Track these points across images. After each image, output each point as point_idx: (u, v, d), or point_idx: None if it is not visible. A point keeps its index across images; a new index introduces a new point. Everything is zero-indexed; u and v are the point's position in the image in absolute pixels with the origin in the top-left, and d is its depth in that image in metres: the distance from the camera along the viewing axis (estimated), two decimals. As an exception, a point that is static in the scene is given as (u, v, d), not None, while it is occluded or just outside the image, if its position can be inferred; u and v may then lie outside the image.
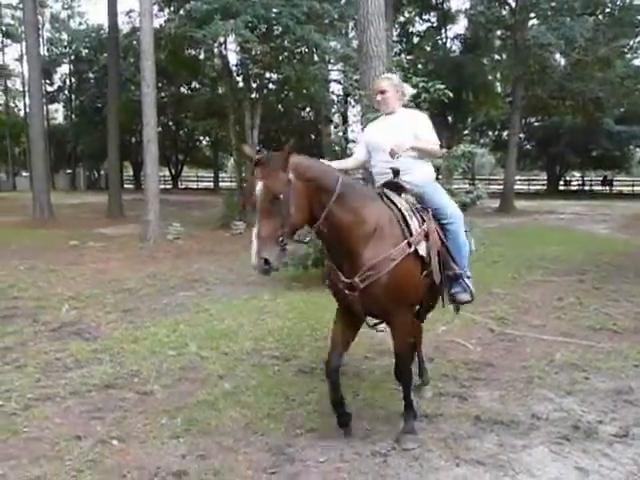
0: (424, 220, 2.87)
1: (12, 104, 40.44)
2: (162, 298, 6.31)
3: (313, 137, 30.27)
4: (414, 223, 2.81)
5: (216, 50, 18.08)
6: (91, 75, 33.68)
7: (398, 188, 2.93)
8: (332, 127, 25.24)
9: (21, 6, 28.69)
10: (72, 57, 34.57)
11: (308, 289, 6.59)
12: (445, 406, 3.32)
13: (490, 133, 33.81)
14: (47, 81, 33.05)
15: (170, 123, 31.80)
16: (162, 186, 20.36)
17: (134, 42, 26.65)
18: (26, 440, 2.91)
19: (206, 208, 18.86)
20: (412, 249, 2.73)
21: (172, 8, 18.85)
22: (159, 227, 11.47)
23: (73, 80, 35.78)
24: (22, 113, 39.87)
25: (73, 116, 36.44)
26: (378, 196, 2.86)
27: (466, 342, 4.55)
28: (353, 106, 22.71)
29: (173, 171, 38.85)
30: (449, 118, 25.04)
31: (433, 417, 3.16)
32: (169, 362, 4.12)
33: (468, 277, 3.09)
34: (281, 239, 2.51)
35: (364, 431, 3.00)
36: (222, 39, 14.64)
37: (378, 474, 2.59)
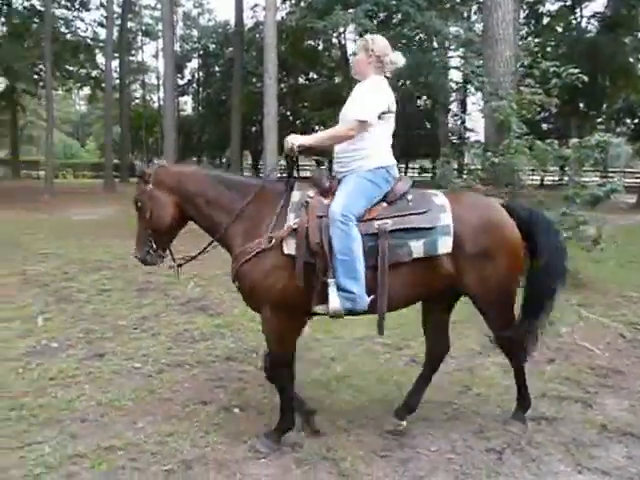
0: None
1: (147, 97, 44.34)
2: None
3: (429, 126, 29.62)
4: (290, 218, 2.57)
5: (335, 40, 18.35)
6: (217, 69, 35.81)
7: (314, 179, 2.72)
8: (449, 116, 24.51)
9: (159, 6, 31.31)
10: (201, 52, 36.96)
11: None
12: (567, 410, 3.14)
13: (628, 121, 30.69)
14: (179, 75, 35.68)
15: (288, 113, 32.84)
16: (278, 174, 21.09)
17: (257, 36, 27.93)
18: (160, 400, 3.24)
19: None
20: (270, 244, 2.53)
21: (294, 0, 19.41)
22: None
23: (201, 74, 38.28)
24: (156, 105, 43.54)
25: (200, 108, 39.04)
26: (257, 190, 2.72)
27: (593, 346, 4.24)
28: (473, 94, 21.86)
29: (289, 160, 40.06)
30: (580, 105, 23.12)
31: (552, 420, 3.01)
32: (285, 342, 4.34)
33: (342, 289, 2.50)
34: (149, 240, 2.81)
35: (478, 426, 2.95)
36: (341, 29, 14.80)
37: (492, 470, 2.53)
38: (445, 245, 2.56)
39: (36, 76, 26.02)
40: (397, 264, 2.54)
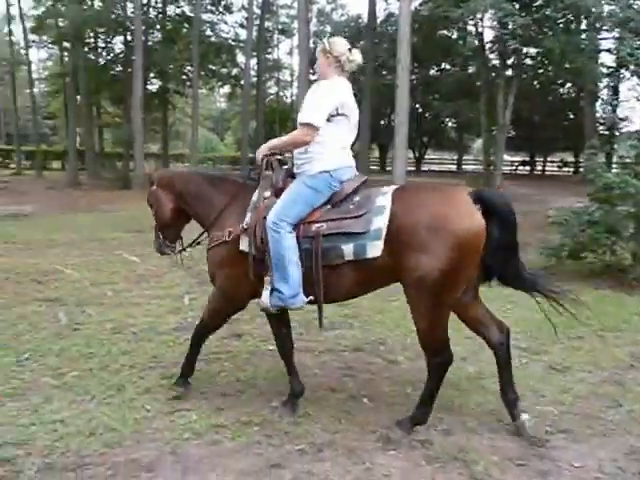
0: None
1: (281, 93, 46.32)
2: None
3: (572, 116, 27.28)
4: (247, 216, 2.79)
5: (470, 28, 17.60)
6: (348, 63, 36.24)
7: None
8: (597, 104, 22.34)
9: (295, 5, 32.46)
10: (333, 47, 37.65)
11: (561, 282, 6.04)
12: None
13: None
14: (311, 71, 36.79)
15: (417, 106, 32.28)
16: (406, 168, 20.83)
17: (388, 28, 27.75)
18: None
19: (448, 191, 18.76)
20: (230, 238, 2.82)
21: (429, -11, 18.93)
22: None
23: (332, 68, 39.02)
24: (289, 101, 45.28)
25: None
26: (236, 188, 3.00)
27: None
28: (628, 78, 19.68)
29: (417, 154, 39.50)
30: None
31: None
32: (413, 337, 4.28)
33: (274, 289, 2.67)
34: (160, 233, 3.31)
35: (630, 447, 2.67)
36: (479, 15, 14.16)
37: (647, 498, 2.29)
38: (374, 249, 2.57)
39: (184, 77, 28.42)
40: (338, 265, 2.63)
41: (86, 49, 26.03)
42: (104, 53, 28.57)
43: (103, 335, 4.14)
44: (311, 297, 2.72)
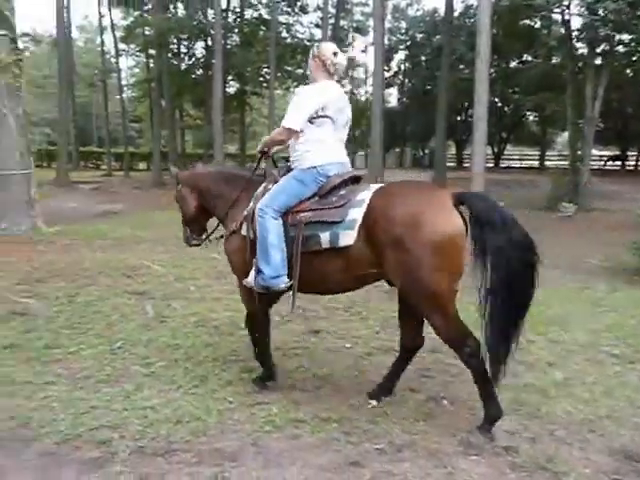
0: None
1: (355, 91, 46.30)
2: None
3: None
4: (250, 206, 3.05)
5: (556, 16, 16.70)
6: (423, 58, 35.60)
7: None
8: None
9: (370, 2, 32.30)
10: (408, 43, 37.11)
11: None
12: None
13: None
14: (385, 68, 36.47)
15: (496, 100, 31.10)
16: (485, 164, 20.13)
17: (466, 21, 26.92)
18: (370, 382, 3.35)
19: (529, 188, 17.95)
20: (237, 227, 3.11)
21: (510, -22, 18.14)
22: (481, 205, 11.50)
23: (407, 65, 38.49)
24: (363, 99, 45.15)
25: (405, 99, 39.34)
26: (245, 182, 3.25)
27: None
28: None
29: (495, 149, 38.12)
30: None
31: None
32: (494, 339, 4.15)
33: (258, 269, 2.92)
34: (187, 227, 3.63)
35: None
36: (566, 2, 13.40)
37: None
38: (346, 237, 2.72)
39: (261, 78, 29.12)
40: (317, 252, 2.81)
41: (169, 55, 27.32)
42: (186, 58, 29.85)
43: (187, 328, 4.33)
44: (292, 281, 2.90)
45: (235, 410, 2.97)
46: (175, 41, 27.96)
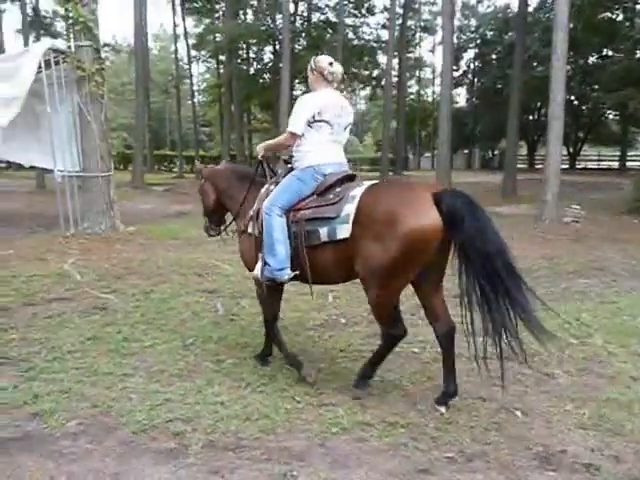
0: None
1: (422, 92, 45.63)
2: (560, 282, 6.06)
3: None
4: (255, 205, 3.39)
5: (641, 7, 15.71)
6: (494, 57, 34.56)
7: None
8: None
9: (438, 1, 31.77)
10: (478, 41, 36.16)
11: None
12: None
13: None
14: (454, 67, 35.70)
15: (572, 98, 29.66)
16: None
17: (541, 16, 25.86)
18: (438, 387, 3.28)
19: (608, 190, 16.97)
20: (245, 227, 3.48)
21: (590, -30, 17.33)
22: (556, 208, 11.00)
23: (477, 63, 37.50)
24: (429, 99, 44.45)
25: (473, 99, 38.33)
26: (251, 182, 3.58)
27: None
28: None
29: (571, 149, 36.34)
30: None
31: None
32: (571, 349, 3.95)
33: (265, 262, 3.21)
34: (207, 218, 4.02)
35: None
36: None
37: None
38: (343, 231, 2.95)
39: (327, 81, 29.38)
40: (318, 245, 3.05)
41: (239, 60, 28.11)
42: (254, 63, 30.60)
43: (255, 327, 4.42)
44: (296, 272, 3.18)
45: (303, 410, 3.00)
46: (244, 47, 28.72)
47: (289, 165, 3.43)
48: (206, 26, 30.72)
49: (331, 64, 3.33)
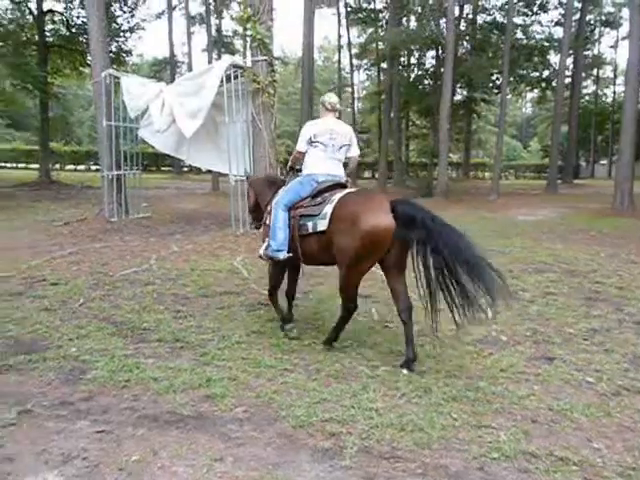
0: None
1: (600, 92, 41.29)
2: None
3: None
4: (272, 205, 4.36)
5: None
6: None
7: None
8: None
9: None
10: None
11: None
12: None
13: None
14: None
15: None
16: None
17: None
18: (618, 426, 2.93)
19: None
20: (265, 219, 4.49)
21: None
22: None
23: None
24: (609, 100, 40.09)
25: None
26: (276, 188, 4.59)
27: None
28: None
29: None
30: None
31: None
32: None
33: (267, 246, 4.20)
34: (250, 216, 5.20)
35: None
36: None
37: None
38: (321, 226, 3.88)
39: (491, 84, 28.05)
40: (307, 235, 3.99)
41: (400, 67, 28.19)
42: (415, 69, 30.45)
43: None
44: (291, 254, 4.11)
45: (459, 428, 2.87)
46: (405, 53, 28.74)
47: (299, 173, 4.50)
48: (369, 35, 31.39)
49: (330, 97, 4.48)
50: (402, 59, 29.57)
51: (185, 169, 34.43)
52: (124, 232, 10.13)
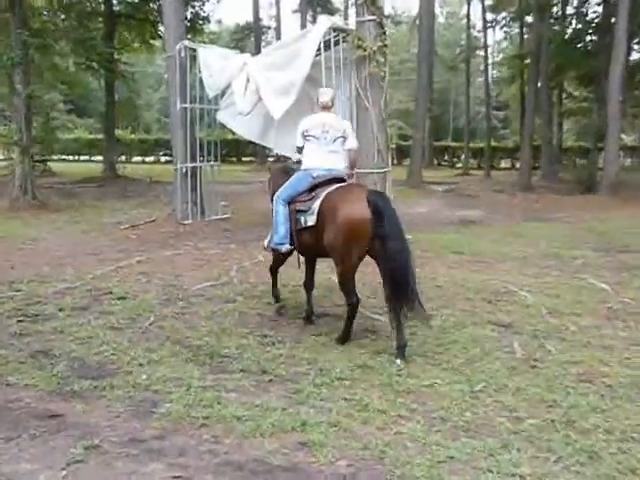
0: None
1: None
2: None
3: None
4: None
5: None
6: None
7: None
8: None
9: None
10: None
11: None
12: None
13: None
14: None
15: None
16: None
17: None
18: None
19: None
20: None
21: None
22: None
23: None
24: None
25: None
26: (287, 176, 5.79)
27: None
28: None
29: None
30: None
31: None
32: None
33: (271, 237, 5.59)
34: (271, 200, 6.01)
35: None
36: None
37: None
38: (310, 221, 5.16)
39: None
40: (301, 229, 5.29)
41: (551, 20, 27.17)
42: (573, 22, 29.20)
43: (567, 380, 4.19)
44: (293, 247, 5.43)
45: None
46: (559, 2, 27.71)
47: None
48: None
49: (322, 95, 5.76)
50: (555, 9, 28.50)
51: (271, 159, 35.56)
52: (199, 237, 10.71)
